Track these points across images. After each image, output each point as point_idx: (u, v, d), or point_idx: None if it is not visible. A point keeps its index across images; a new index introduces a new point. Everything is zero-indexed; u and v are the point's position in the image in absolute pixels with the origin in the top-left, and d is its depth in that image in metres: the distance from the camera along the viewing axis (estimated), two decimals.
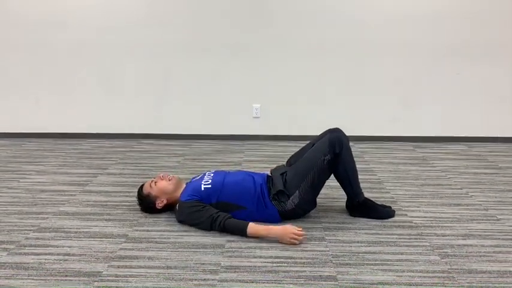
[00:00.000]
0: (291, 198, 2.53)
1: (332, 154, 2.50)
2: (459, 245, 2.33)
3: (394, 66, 4.42)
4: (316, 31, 4.37)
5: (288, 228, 2.34)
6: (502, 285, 1.98)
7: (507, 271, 2.09)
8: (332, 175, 2.62)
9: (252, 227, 2.38)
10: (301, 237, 2.32)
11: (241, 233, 2.39)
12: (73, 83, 4.52)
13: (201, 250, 2.28)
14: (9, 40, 4.44)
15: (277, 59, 4.43)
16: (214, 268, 2.11)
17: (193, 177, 2.78)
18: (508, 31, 4.32)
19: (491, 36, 4.33)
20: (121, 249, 2.29)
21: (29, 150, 4.18)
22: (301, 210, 2.60)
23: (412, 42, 4.37)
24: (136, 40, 4.43)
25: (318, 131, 2.88)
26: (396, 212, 2.74)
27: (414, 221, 2.62)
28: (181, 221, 2.56)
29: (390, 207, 2.74)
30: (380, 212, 2.64)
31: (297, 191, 2.52)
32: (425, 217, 2.68)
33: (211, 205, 2.52)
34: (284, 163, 2.88)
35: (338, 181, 2.63)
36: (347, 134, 2.89)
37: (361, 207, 2.63)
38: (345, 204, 2.80)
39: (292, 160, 2.77)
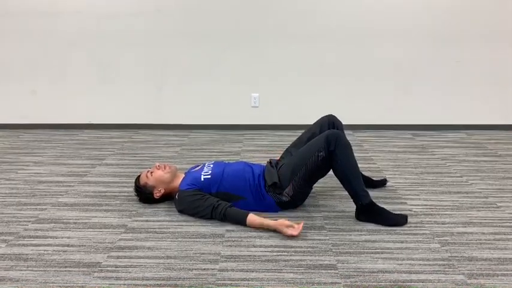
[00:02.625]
0: (285, 191, 2.52)
1: (326, 151, 2.41)
2: (459, 233, 2.33)
3: (394, 53, 4.39)
4: (314, 20, 4.32)
5: (283, 222, 2.30)
6: (502, 272, 1.98)
7: (507, 258, 2.09)
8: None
9: (251, 218, 2.37)
10: (299, 227, 2.27)
11: (241, 223, 2.39)
12: (70, 73, 4.48)
13: (200, 240, 2.27)
14: (4, 30, 4.39)
15: (275, 48, 4.39)
16: (214, 258, 2.10)
17: (192, 168, 2.77)
18: (508, 17, 4.29)
19: (492, 23, 4.29)
20: (120, 239, 2.28)
21: (26, 141, 4.16)
22: (298, 201, 2.59)
23: (412, 29, 4.33)
24: (133, 29, 4.38)
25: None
26: (396, 200, 2.74)
27: (414, 209, 2.61)
28: (181, 211, 2.55)
29: (405, 216, 2.46)
30: (388, 218, 2.41)
31: (290, 184, 2.51)
32: (425, 205, 2.68)
33: (211, 195, 2.51)
34: (282, 155, 2.85)
35: (339, 180, 2.50)
36: (346, 122, 2.89)
37: (366, 211, 2.43)
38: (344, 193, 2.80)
39: (293, 150, 2.76)
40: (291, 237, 2.27)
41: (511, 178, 3.13)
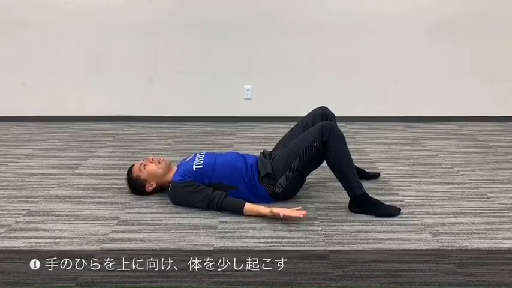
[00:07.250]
0: (278, 182, 2.52)
1: (320, 142, 2.42)
2: (450, 223, 2.35)
3: (386, 46, 4.39)
4: (307, 11, 4.30)
5: (287, 210, 2.34)
6: (492, 261, 2.01)
7: (497, 248, 2.12)
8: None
9: (248, 207, 2.40)
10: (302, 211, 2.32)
11: (238, 211, 2.41)
12: (60, 65, 4.43)
13: (193, 231, 2.27)
14: None
15: (268, 40, 4.37)
16: (207, 249, 2.10)
17: (184, 159, 2.76)
18: (499, 9, 4.30)
19: (484, 16, 4.30)
20: (113, 231, 2.28)
21: (16, 134, 4.12)
22: (291, 192, 2.60)
23: (404, 22, 4.33)
24: (124, 21, 4.33)
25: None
26: (388, 191, 2.75)
27: (406, 200, 2.63)
28: (176, 203, 2.55)
29: (399, 208, 2.47)
30: (381, 209, 2.42)
31: (284, 175, 2.51)
32: (416, 196, 2.70)
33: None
34: (276, 147, 2.84)
35: (332, 171, 2.51)
36: (338, 114, 2.90)
37: (359, 202, 2.43)
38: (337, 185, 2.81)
39: (286, 142, 2.75)
40: (295, 219, 2.31)
41: (501, 169, 3.16)
